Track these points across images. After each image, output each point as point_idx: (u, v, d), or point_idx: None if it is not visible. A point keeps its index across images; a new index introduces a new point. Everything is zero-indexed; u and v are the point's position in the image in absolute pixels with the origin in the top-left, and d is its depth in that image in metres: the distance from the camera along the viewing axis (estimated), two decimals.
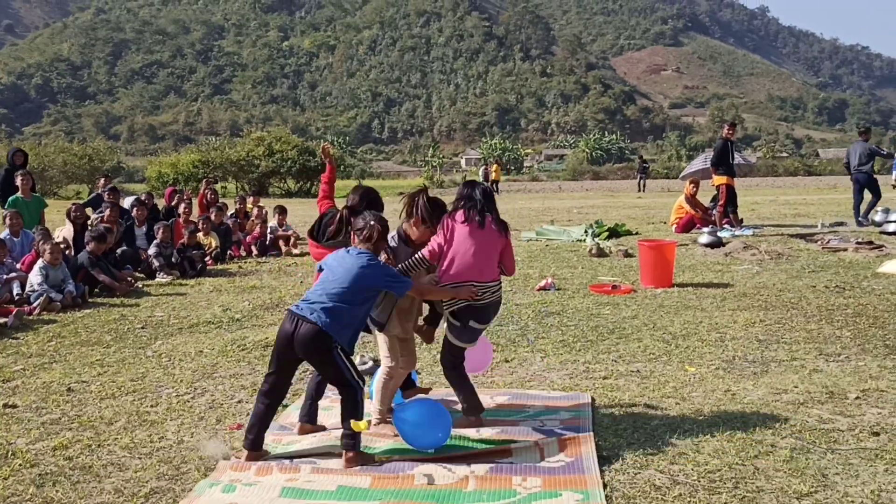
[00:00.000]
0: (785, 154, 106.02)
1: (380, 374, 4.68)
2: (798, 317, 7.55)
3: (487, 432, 4.56)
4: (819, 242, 12.92)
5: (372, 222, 4.25)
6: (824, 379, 5.48)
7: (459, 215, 4.53)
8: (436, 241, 4.51)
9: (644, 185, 41.60)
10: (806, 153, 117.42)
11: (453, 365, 4.66)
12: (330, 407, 4.84)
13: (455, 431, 4.50)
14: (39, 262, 9.03)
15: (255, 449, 4.15)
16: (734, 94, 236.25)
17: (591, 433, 4.37)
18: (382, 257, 4.41)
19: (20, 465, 4.13)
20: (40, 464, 4.16)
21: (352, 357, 4.23)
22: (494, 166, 41.51)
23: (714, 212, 15.66)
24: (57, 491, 3.80)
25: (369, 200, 4.60)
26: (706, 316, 7.70)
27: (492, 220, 4.56)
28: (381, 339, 4.66)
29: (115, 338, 7.32)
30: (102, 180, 14.68)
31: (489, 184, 39.96)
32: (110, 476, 3.99)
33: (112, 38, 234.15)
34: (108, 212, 11.50)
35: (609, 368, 5.91)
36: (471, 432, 4.55)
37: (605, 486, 3.75)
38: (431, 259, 4.51)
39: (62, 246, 10.26)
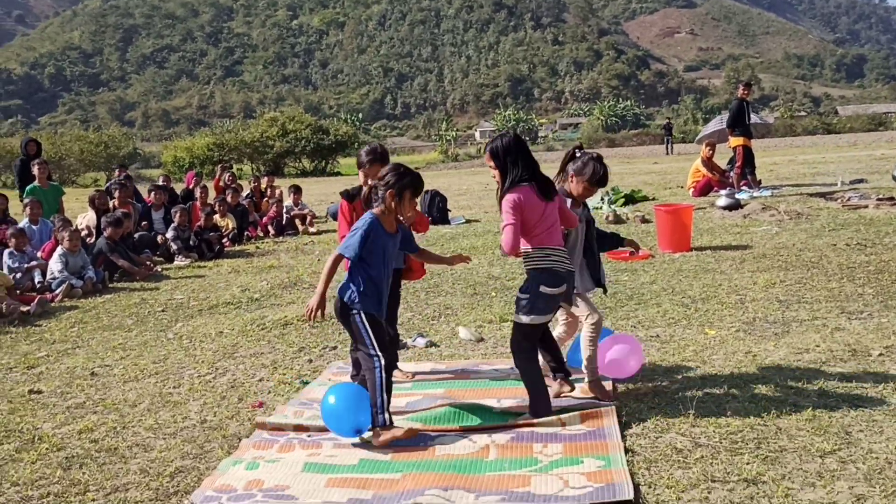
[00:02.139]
0: (803, 113, 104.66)
1: (584, 333, 4.57)
2: (819, 276, 7.47)
3: (509, 403, 4.56)
4: (839, 200, 12.76)
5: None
6: (847, 337, 5.43)
7: (527, 191, 4.12)
8: (511, 230, 4.09)
9: (671, 148, 42.34)
10: (824, 111, 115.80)
11: (525, 350, 4.24)
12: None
13: (477, 402, 4.50)
14: (59, 250, 9.11)
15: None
16: (750, 53, 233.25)
17: (613, 406, 4.35)
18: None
19: (47, 449, 4.19)
20: (66, 447, 4.21)
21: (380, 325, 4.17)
22: None
23: (731, 174, 15.50)
24: (83, 473, 3.85)
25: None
26: (725, 278, 7.64)
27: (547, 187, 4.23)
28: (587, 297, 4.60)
29: (137, 321, 7.39)
30: (118, 171, 14.66)
31: None
32: (135, 457, 4.03)
33: (122, 24, 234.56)
34: (118, 193, 11.55)
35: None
36: (492, 403, 4.55)
37: (626, 451, 3.74)
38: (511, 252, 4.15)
39: (84, 233, 10.35)
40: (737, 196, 13.29)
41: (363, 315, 4.11)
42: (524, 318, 4.18)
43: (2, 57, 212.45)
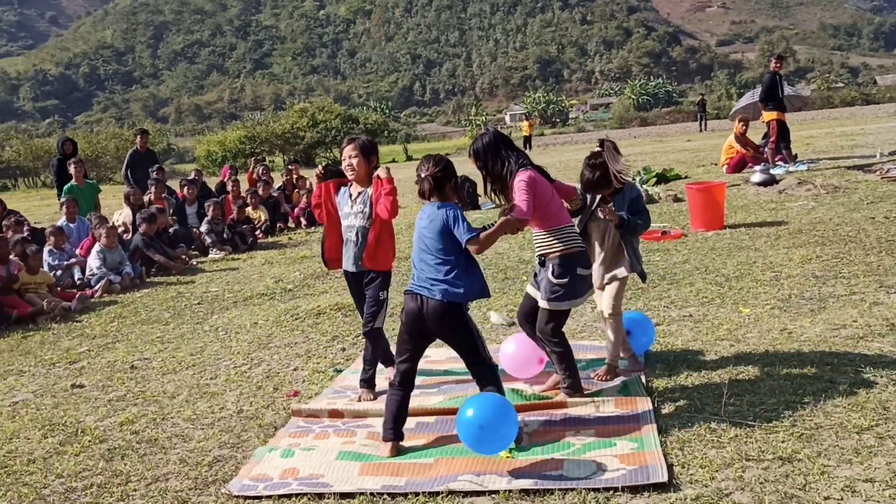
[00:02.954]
0: (840, 84, 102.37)
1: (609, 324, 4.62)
2: (856, 250, 7.34)
3: (540, 387, 4.56)
4: (878, 172, 12.48)
5: (421, 175, 3.85)
6: (885, 311, 5.33)
7: (535, 172, 4.13)
8: (527, 202, 4.03)
9: (705, 124, 41.73)
10: (863, 81, 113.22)
11: (560, 336, 4.23)
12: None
13: (509, 385, 4.51)
14: (97, 247, 9.29)
15: (397, 439, 3.82)
16: (784, 25, 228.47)
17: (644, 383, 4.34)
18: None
19: (90, 441, 4.29)
20: (108, 439, 4.31)
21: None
22: (526, 123, 40.02)
23: (766, 149, 15.23)
24: (125, 464, 3.94)
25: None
26: (760, 256, 7.54)
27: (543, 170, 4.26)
28: (609, 290, 4.54)
29: (174, 315, 7.51)
30: (139, 138, 14.34)
31: (523, 140, 39.11)
32: (175, 447, 4.12)
33: (152, 22, 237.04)
34: (154, 188, 11.71)
35: (661, 315, 5.85)
36: (523, 386, 4.57)
37: (659, 431, 3.73)
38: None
39: (121, 230, 10.53)
40: (772, 171, 13.06)
41: (470, 317, 3.78)
42: (562, 306, 4.16)
43: (37, 58, 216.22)
